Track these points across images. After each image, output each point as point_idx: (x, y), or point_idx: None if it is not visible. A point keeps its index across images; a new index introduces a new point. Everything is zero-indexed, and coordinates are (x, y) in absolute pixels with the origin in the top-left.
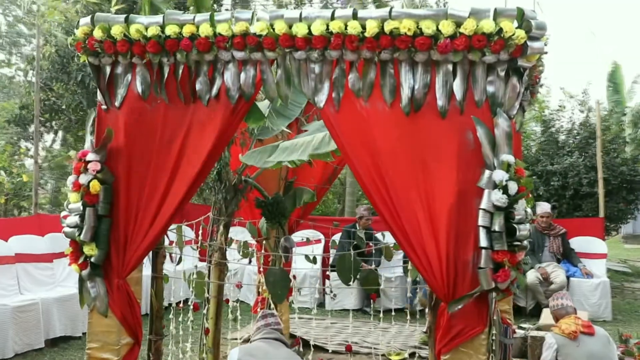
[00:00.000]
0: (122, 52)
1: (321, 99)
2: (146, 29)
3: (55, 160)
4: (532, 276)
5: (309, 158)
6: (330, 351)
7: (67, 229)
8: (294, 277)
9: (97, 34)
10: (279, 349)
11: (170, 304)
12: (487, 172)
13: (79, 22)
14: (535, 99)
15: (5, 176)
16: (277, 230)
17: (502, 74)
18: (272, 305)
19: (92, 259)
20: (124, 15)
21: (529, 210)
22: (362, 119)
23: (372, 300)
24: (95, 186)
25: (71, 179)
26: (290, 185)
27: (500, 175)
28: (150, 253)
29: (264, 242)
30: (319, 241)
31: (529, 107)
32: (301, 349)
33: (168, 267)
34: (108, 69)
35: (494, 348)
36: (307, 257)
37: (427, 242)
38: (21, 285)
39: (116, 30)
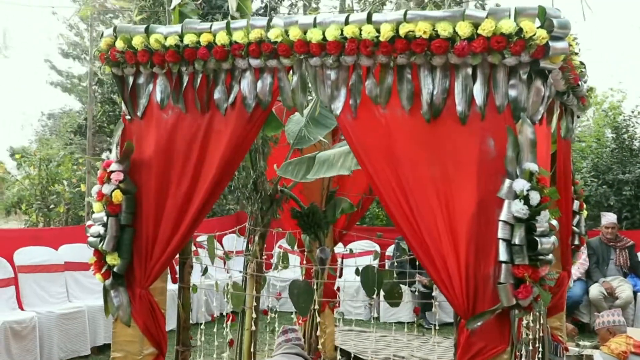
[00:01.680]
0: (143, 62)
1: (337, 106)
2: (165, 38)
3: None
4: (596, 291)
5: (350, 172)
6: None
7: (90, 239)
8: (338, 289)
9: (119, 44)
10: None
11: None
12: (507, 182)
13: (102, 33)
14: (588, 103)
15: (65, 186)
16: (319, 241)
17: (525, 77)
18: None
19: (115, 269)
20: (145, 26)
21: (554, 222)
22: (380, 126)
23: (415, 314)
24: (117, 196)
25: (95, 188)
26: (332, 195)
27: (521, 184)
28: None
29: (307, 253)
30: (369, 252)
31: (582, 112)
32: None
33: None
34: (131, 79)
35: None
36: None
37: (447, 254)
38: (70, 293)
39: (137, 41)
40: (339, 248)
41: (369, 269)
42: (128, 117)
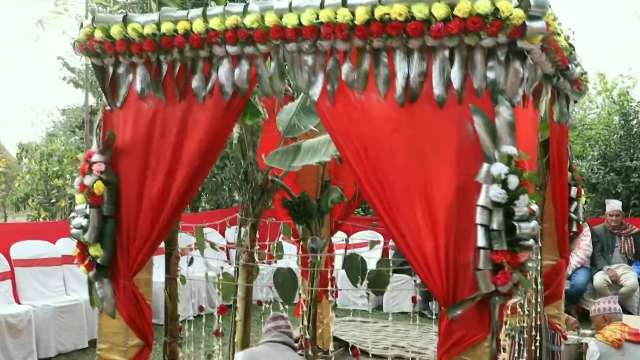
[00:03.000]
0: (122, 52)
1: (315, 91)
2: (143, 27)
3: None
4: (600, 279)
5: (332, 158)
6: (370, 355)
7: (73, 230)
8: (333, 278)
9: (98, 34)
10: (284, 352)
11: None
12: (485, 166)
13: (82, 24)
14: (585, 87)
15: (67, 180)
16: (315, 231)
17: (503, 58)
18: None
19: (98, 260)
20: (123, 15)
21: (534, 207)
22: (357, 112)
23: (413, 303)
24: (99, 187)
25: (77, 180)
26: (327, 184)
27: (498, 168)
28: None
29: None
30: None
31: (578, 97)
32: (310, 353)
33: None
34: (111, 70)
35: (537, 355)
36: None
37: (425, 241)
38: (67, 287)
39: (115, 31)
40: (337, 238)
41: (353, 257)
42: (108, 108)
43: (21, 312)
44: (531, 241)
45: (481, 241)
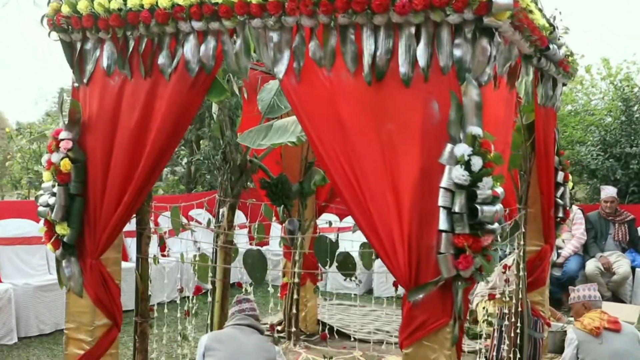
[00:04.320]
0: (88, 27)
1: (280, 69)
2: (109, 2)
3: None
4: (592, 266)
5: (298, 138)
6: (352, 339)
7: (40, 208)
8: (315, 261)
9: (65, 9)
10: (249, 335)
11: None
12: (448, 146)
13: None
14: (573, 70)
15: None
16: (289, 212)
17: (470, 35)
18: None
19: (65, 239)
20: None
21: (499, 189)
22: (324, 90)
23: (395, 288)
24: (65, 165)
25: (45, 157)
26: (311, 166)
27: (462, 149)
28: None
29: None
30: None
31: (567, 80)
32: (275, 336)
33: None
34: (78, 45)
35: (519, 342)
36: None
37: (392, 223)
38: (51, 265)
39: (82, 5)
40: (322, 221)
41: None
42: (76, 84)
43: (1, 291)
44: (495, 225)
45: (443, 224)
